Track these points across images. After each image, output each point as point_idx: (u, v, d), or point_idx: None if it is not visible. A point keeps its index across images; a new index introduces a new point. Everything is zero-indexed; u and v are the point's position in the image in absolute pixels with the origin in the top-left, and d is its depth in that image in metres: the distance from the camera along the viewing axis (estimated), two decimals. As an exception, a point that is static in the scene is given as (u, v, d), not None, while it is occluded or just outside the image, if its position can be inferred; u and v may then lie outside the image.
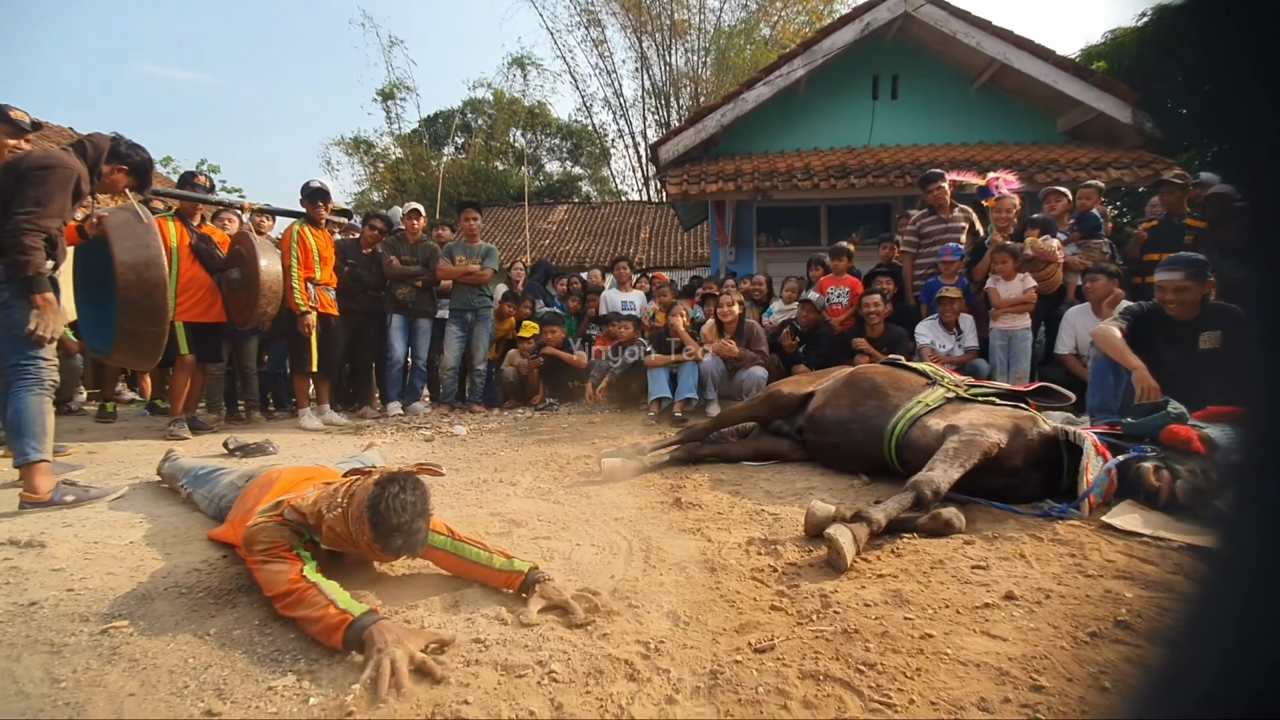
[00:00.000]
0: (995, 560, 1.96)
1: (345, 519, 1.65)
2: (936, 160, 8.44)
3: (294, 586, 1.56)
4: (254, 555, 1.68)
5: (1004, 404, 2.78)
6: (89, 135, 2.98)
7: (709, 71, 24.87)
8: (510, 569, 1.78)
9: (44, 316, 2.65)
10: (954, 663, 1.39)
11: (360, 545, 1.66)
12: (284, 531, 1.70)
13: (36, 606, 1.72)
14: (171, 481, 2.84)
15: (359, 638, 1.43)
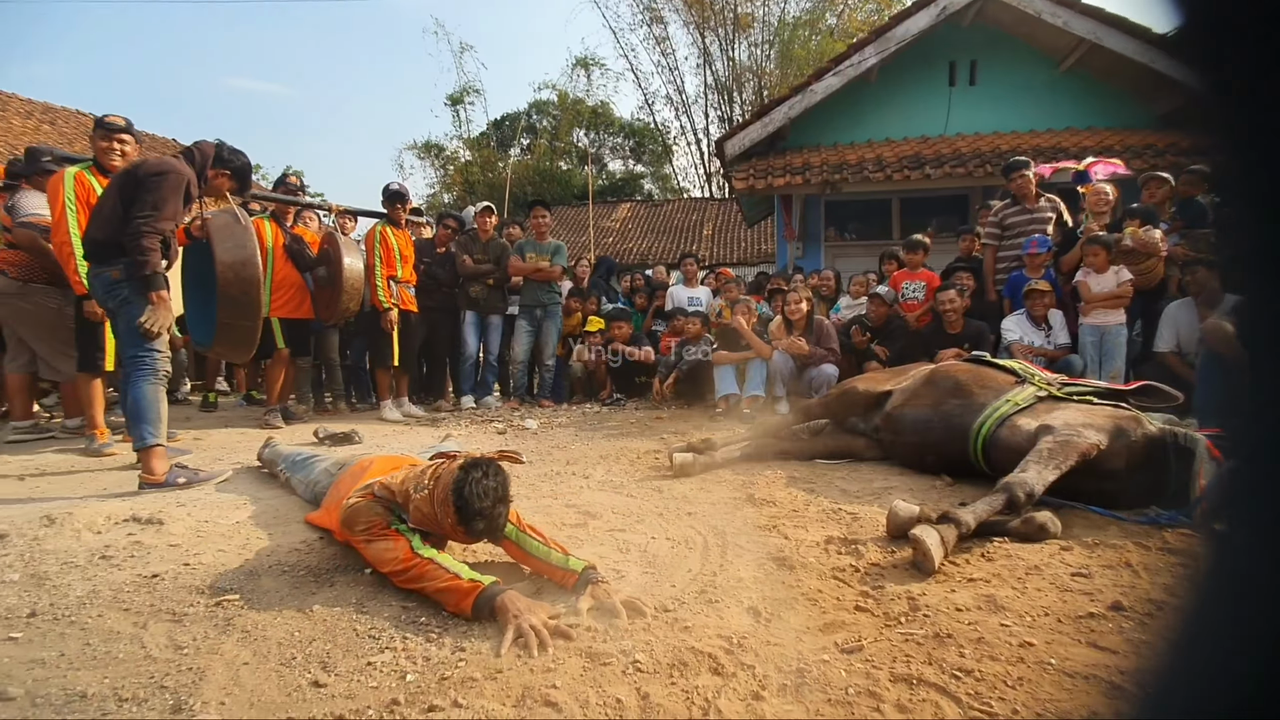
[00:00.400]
0: (1098, 568, 1.84)
1: (431, 500, 1.72)
2: (1019, 148, 8.01)
3: (410, 563, 1.66)
4: (356, 534, 1.78)
5: (1103, 403, 2.62)
6: (196, 143, 3.21)
7: (773, 64, 24.45)
8: (565, 566, 1.81)
9: (157, 312, 2.86)
10: (1059, 674, 1.32)
11: (444, 527, 1.73)
12: (377, 508, 1.80)
13: (158, 578, 1.86)
14: (271, 466, 3.02)
15: (490, 605, 1.54)
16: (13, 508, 2.56)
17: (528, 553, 1.86)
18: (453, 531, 1.74)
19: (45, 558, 2.00)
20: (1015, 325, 4.70)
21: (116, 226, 2.82)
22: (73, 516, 2.33)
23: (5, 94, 12.38)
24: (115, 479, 3.11)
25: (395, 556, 1.70)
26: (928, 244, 5.81)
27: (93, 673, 1.36)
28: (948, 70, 9.09)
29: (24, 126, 11.59)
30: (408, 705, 1.23)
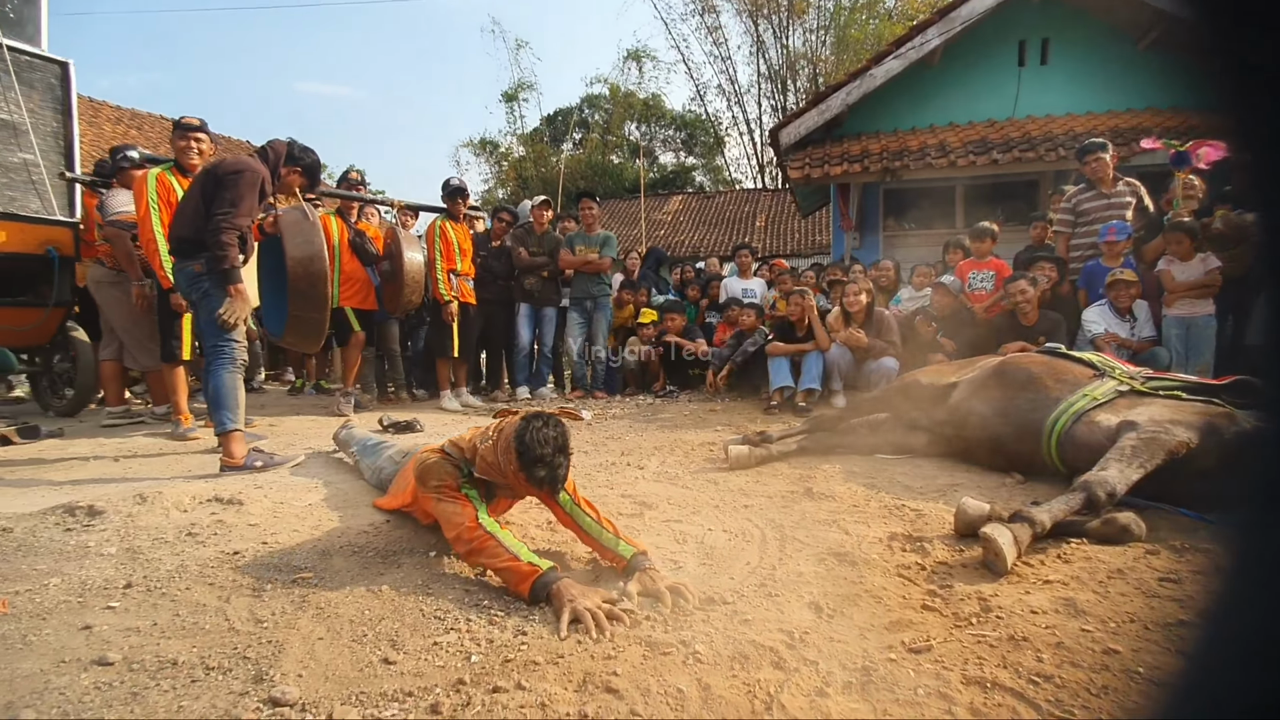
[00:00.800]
0: (1188, 574, 1.72)
1: (495, 450, 1.80)
2: (1095, 130, 7.57)
3: (473, 535, 1.73)
4: (428, 490, 1.86)
5: (1192, 399, 2.44)
6: (269, 142, 3.35)
7: (828, 51, 23.85)
8: (616, 549, 1.83)
9: (234, 304, 3.01)
10: (1148, 684, 1.24)
11: (507, 474, 1.79)
12: (448, 467, 1.88)
13: (239, 555, 1.96)
14: (344, 447, 3.15)
15: (546, 591, 1.59)
16: (109, 487, 2.75)
17: (582, 528, 1.90)
18: (515, 479, 1.79)
19: (138, 533, 2.14)
20: (1098, 317, 4.43)
21: (198, 223, 2.98)
22: (162, 496, 2.48)
23: (97, 102, 13.27)
24: (198, 461, 3.30)
25: (460, 522, 1.76)
26: (996, 232, 5.55)
27: (182, 642, 1.45)
28: (1017, 50, 8.64)
29: (114, 132, 12.40)
30: (473, 685, 1.26)
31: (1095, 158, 4.96)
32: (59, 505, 2.39)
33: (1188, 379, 2.68)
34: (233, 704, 1.20)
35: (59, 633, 1.49)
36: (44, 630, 1.50)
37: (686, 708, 1.20)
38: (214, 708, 1.19)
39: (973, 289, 5.31)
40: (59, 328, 4.75)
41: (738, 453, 3.11)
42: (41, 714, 1.16)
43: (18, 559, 1.93)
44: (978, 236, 5.48)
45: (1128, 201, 4.91)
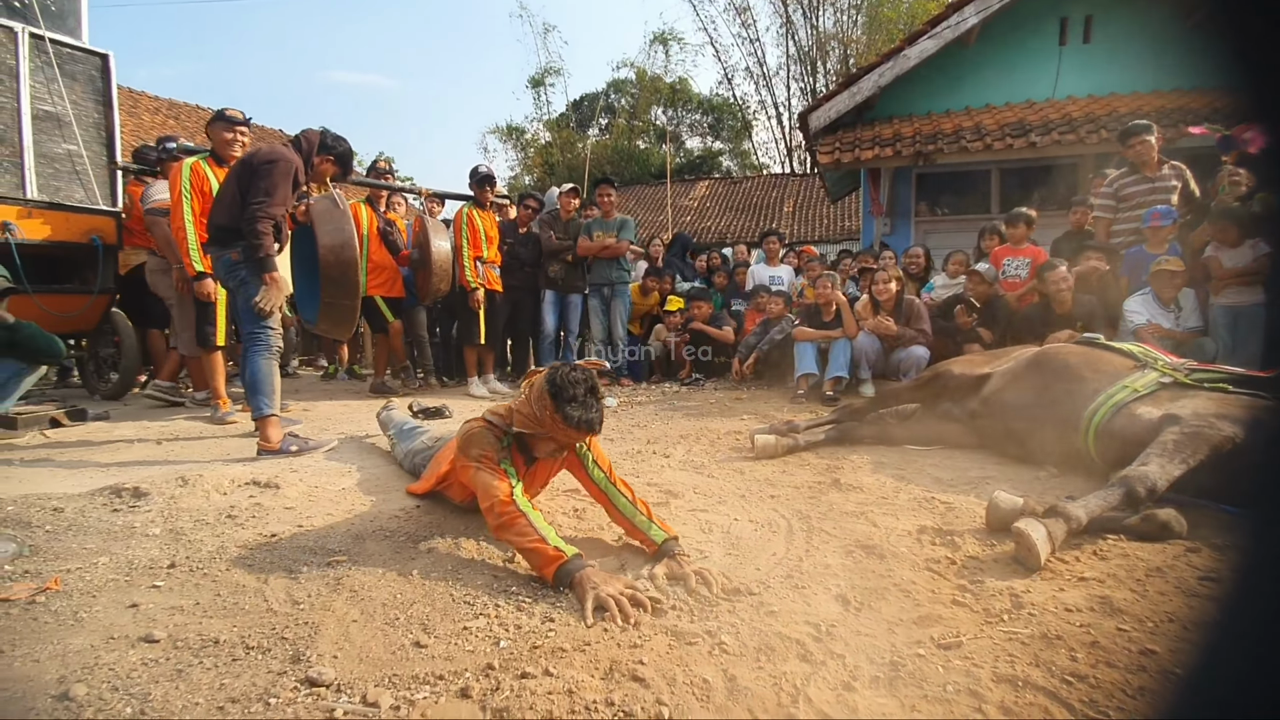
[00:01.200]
0: (1230, 573, 1.67)
1: (529, 401, 1.89)
2: (1140, 111, 7.30)
3: (505, 510, 1.75)
4: (469, 459, 1.90)
5: (1239, 391, 2.35)
6: (302, 131, 3.40)
7: (860, 31, 23.31)
8: (649, 532, 1.89)
9: (269, 292, 3.08)
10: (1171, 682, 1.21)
11: (544, 421, 1.86)
12: (490, 437, 1.92)
13: (276, 538, 2.02)
14: (383, 428, 3.22)
15: (569, 578, 1.61)
16: (153, 469, 2.85)
17: (616, 507, 1.96)
18: (551, 424, 1.84)
19: (180, 515, 2.22)
20: (1140, 306, 4.28)
21: (235, 212, 3.05)
22: (203, 479, 2.56)
23: (136, 92, 13.59)
24: (237, 445, 3.40)
25: (495, 495, 1.78)
26: (1032, 217, 5.39)
27: (223, 621, 1.50)
28: (1058, 27, 8.34)
29: (153, 122, 12.70)
30: (502, 671, 1.28)
31: (1139, 140, 4.78)
32: (106, 487, 2.49)
33: (1234, 371, 2.58)
34: (271, 683, 1.24)
35: (108, 610, 1.55)
36: (94, 607, 1.56)
37: (712, 698, 1.21)
38: (254, 686, 1.23)
39: (1007, 276, 5.18)
40: (103, 314, 4.92)
41: (764, 442, 3.10)
42: (92, 688, 1.21)
43: (69, 538, 2.01)
44: (1013, 222, 5.33)
45: (1173, 186, 4.72)
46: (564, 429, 1.84)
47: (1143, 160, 4.80)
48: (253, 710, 1.16)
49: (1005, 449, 2.96)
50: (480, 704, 1.18)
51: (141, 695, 1.20)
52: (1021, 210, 5.40)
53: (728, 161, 27.21)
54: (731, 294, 6.78)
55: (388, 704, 1.18)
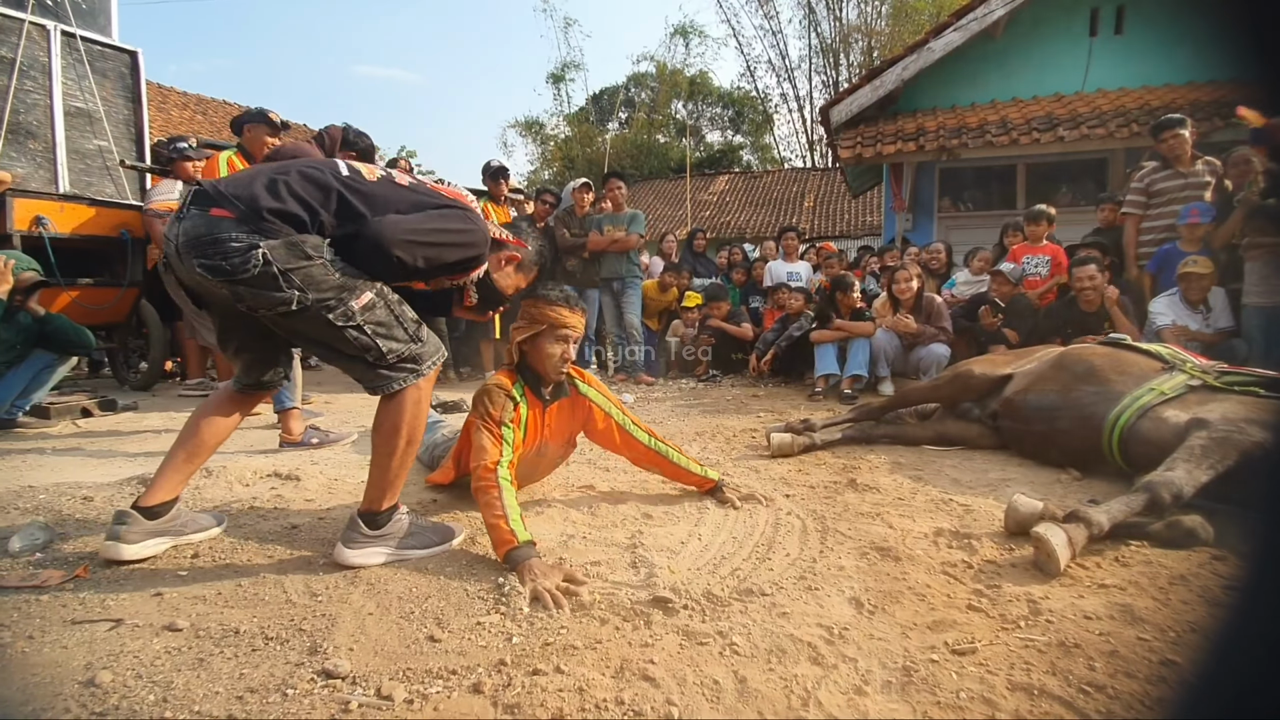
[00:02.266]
0: (1259, 583, 1.63)
1: (519, 318, 2.15)
2: (1174, 104, 7.10)
3: (485, 476, 1.88)
4: (476, 414, 2.05)
5: (1271, 395, 2.29)
6: (325, 128, 3.44)
7: (884, 22, 22.97)
8: (704, 474, 2.34)
9: (293, 287, 3.12)
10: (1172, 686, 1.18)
11: (536, 316, 2.12)
12: (501, 396, 2.07)
13: (297, 530, 2.06)
14: None
15: (515, 564, 1.69)
16: (178, 459, 2.91)
17: (671, 461, 2.32)
18: (541, 311, 2.12)
19: (204, 506, 2.27)
20: (1166, 307, 4.17)
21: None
22: (226, 470, 2.61)
23: (165, 88, 13.84)
24: (259, 436, 3.46)
25: (482, 460, 1.92)
26: (1052, 215, 5.29)
27: (244, 611, 1.53)
28: (1088, 19, 8.15)
29: (181, 117, 12.93)
30: (514, 667, 1.29)
31: (1173, 134, 4.65)
32: (134, 476, 2.55)
33: (1266, 374, 2.51)
34: (289, 674, 1.26)
35: (133, 598, 1.59)
36: (120, 595, 1.61)
37: (722, 699, 1.21)
38: (272, 676, 1.26)
39: (1027, 274, 5.09)
40: (132, 306, 5.03)
41: (780, 440, 3.08)
42: (117, 675, 1.25)
43: (97, 527, 2.06)
44: (1033, 220, 5.24)
45: (1206, 182, 4.59)
46: (552, 308, 2.11)
47: (1176, 155, 4.67)
48: (270, 700, 1.19)
49: (1027, 451, 2.91)
50: (492, 700, 1.20)
51: (164, 683, 1.23)
52: (1040, 208, 5.30)
53: (748, 155, 27.03)
54: (750, 291, 6.74)
55: (401, 698, 1.19)
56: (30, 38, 4.60)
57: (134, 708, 1.16)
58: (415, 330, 1.82)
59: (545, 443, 2.24)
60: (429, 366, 1.85)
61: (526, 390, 2.14)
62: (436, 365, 1.87)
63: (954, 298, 5.37)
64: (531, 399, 2.15)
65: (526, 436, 2.14)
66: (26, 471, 2.77)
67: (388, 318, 1.76)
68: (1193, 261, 4.10)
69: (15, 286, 3.42)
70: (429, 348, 1.85)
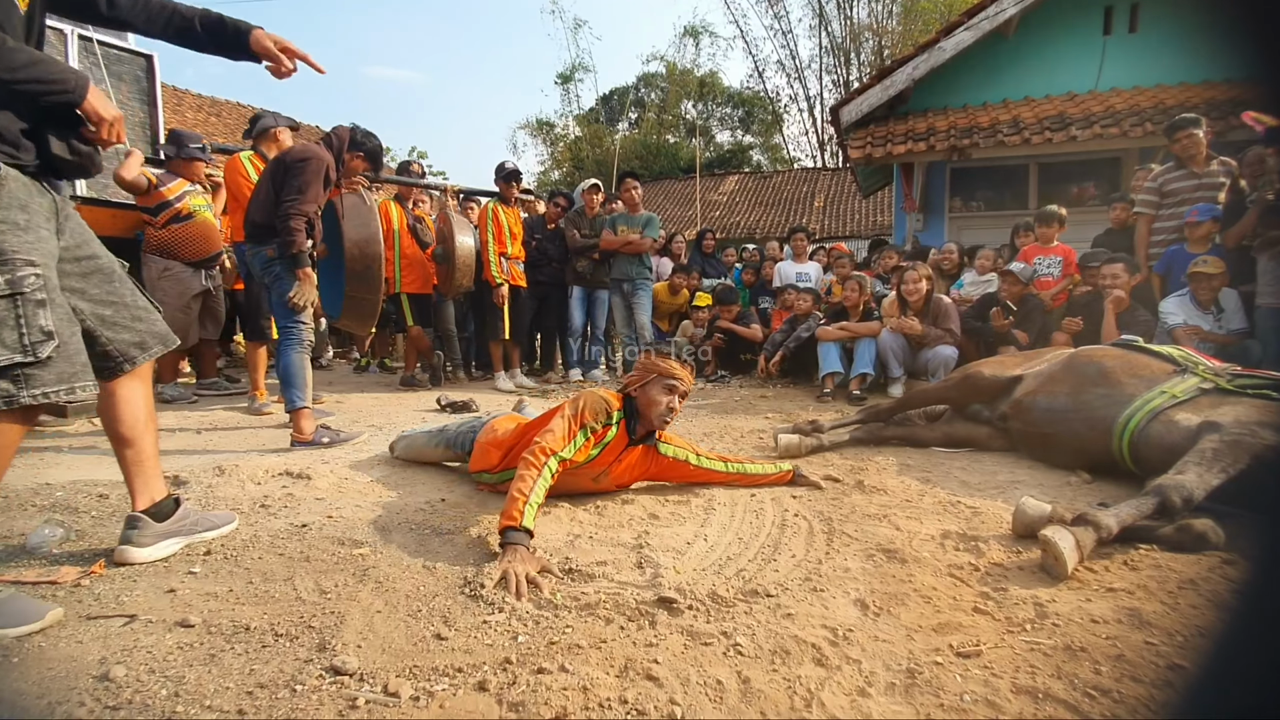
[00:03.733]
0: (1270, 588, 1.62)
1: (637, 369, 2.36)
2: (1188, 103, 7.01)
3: (538, 456, 1.98)
4: (573, 404, 2.18)
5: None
6: (333, 129, 3.47)
7: (895, 21, 22.86)
8: (780, 471, 2.55)
9: (303, 287, 3.16)
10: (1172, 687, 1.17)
11: (650, 368, 2.31)
12: (601, 407, 2.20)
13: (307, 528, 2.08)
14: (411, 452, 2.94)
15: (504, 543, 1.77)
16: (192, 458, 2.96)
17: (750, 475, 2.51)
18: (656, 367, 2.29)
19: (217, 504, 2.30)
20: (1177, 308, 4.13)
21: (270, 210, 3.13)
22: (238, 469, 2.65)
23: (180, 90, 14.00)
24: (271, 435, 3.50)
25: (544, 441, 2.02)
26: (1063, 216, 5.24)
27: (254, 608, 1.55)
28: (1102, 17, 8.06)
29: (195, 119, 13.07)
30: (519, 665, 1.30)
31: (1187, 134, 4.60)
32: (147, 474, 2.58)
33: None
34: (298, 670, 1.28)
35: (147, 594, 1.62)
36: (134, 591, 1.63)
37: (725, 700, 1.21)
38: (281, 673, 1.27)
39: (1039, 275, 5.05)
40: (148, 307, 5.09)
41: (787, 441, 3.08)
42: (131, 670, 1.27)
43: (113, 523, 2.10)
44: (1044, 221, 5.19)
45: (1220, 183, 4.53)
46: (665, 361, 2.28)
47: (1189, 155, 4.62)
48: (279, 696, 1.20)
49: (1036, 453, 2.89)
50: (497, 698, 1.21)
51: (176, 678, 1.25)
52: (1052, 209, 5.26)
53: (758, 155, 26.96)
54: (759, 291, 6.73)
55: (407, 695, 1.21)
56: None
57: (146, 702, 1.18)
58: (36, 341, 1.40)
59: (608, 473, 2.32)
60: (34, 395, 1.40)
61: (623, 422, 2.26)
62: (55, 398, 1.43)
63: (962, 298, 5.34)
64: (623, 431, 2.26)
65: (599, 458, 2.23)
66: (44, 469, 2.82)
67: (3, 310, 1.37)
68: (1203, 261, 4.05)
69: None
70: (50, 374, 1.43)
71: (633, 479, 2.45)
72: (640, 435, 2.32)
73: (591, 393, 2.25)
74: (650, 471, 2.46)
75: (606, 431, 2.20)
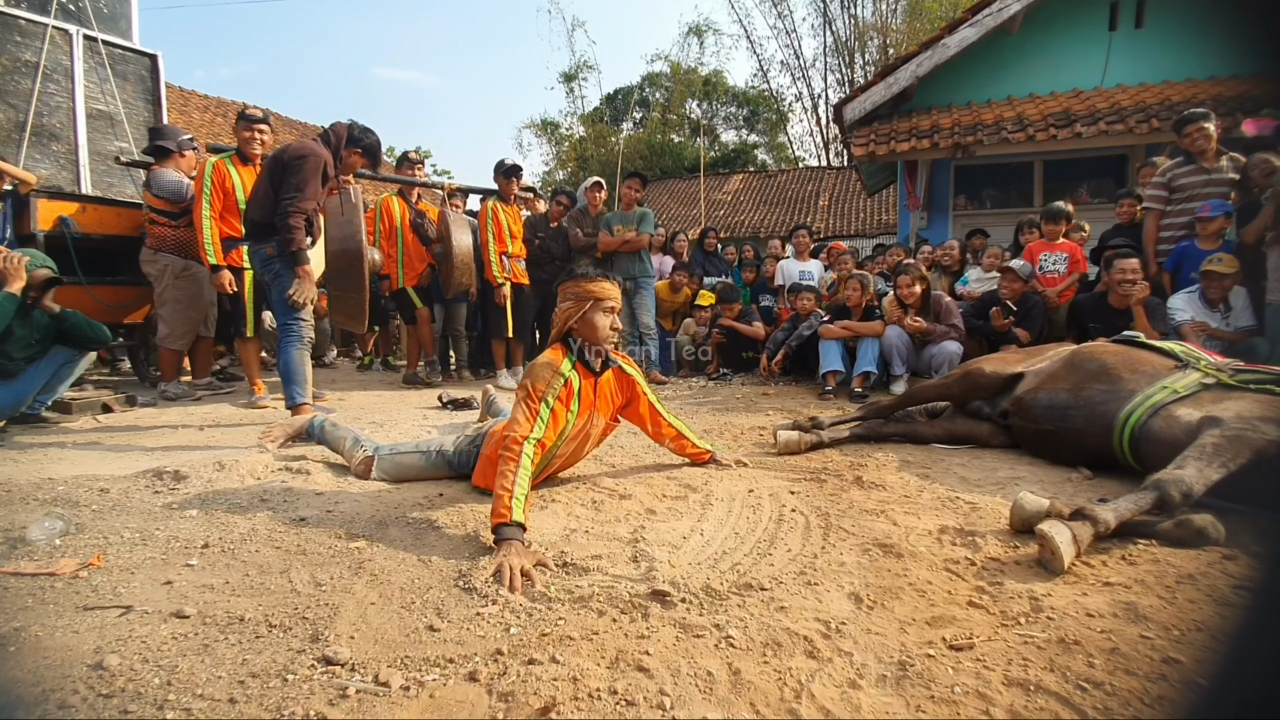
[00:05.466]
0: (1269, 583, 1.60)
1: (560, 302, 2.34)
2: (1195, 98, 6.98)
3: (512, 447, 1.99)
4: (522, 387, 2.15)
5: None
6: (331, 125, 3.48)
7: (899, 20, 22.77)
8: (707, 445, 2.75)
9: (302, 285, 3.17)
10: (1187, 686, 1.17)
11: (579, 294, 2.33)
12: (548, 371, 2.17)
13: (305, 522, 2.09)
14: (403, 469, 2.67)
15: (498, 539, 1.79)
16: (193, 454, 2.97)
17: (679, 431, 2.70)
18: (582, 289, 2.33)
19: (216, 498, 2.31)
20: (1185, 304, 4.09)
21: (269, 208, 3.15)
22: (239, 464, 2.66)
23: (187, 91, 14.09)
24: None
25: (513, 431, 2.03)
26: (1070, 213, 5.21)
27: (250, 600, 1.56)
28: (1107, 13, 8.01)
29: (201, 119, 13.15)
30: (510, 656, 1.31)
31: (1197, 128, 4.56)
32: (149, 470, 2.60)
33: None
34: (290, 660, 1.29)
35: (144, 586, 1.63)
36: (132, 583, 1.65)
37: (715, 691, 1.21)
38: (274, 663, 1.28)
39: (1044, 272, 5.02)
40: (153, 305, 5.12)
41: (786, 438, 3.07)
42: (125, 659, 1.28)
43: (112, 517, 2.11)
44: (1051, 218, 5.16)
45: (1230, 179, 4.50)
46: (593, 283, 2.29)
47: (1199, 149, 4.59)
48: (271, 685, 1.21)
49: (1037, 450, 2.88)
50: (487, 687, 1.21)
51: (169, 667, 1.26)
52: (1058, 206, 5.23)
53: (763, 154, 26.90)
54: (759, 289, 6.72)
55: (398, 684, 1.21)
56: (54, 42, 4.71)
57: (139, 690, 1.19)
58: None
59: (595, 413, 2.37)
60: None
61: (578, 365, 2.28)
62: None
63: (969, 293, 5.32)
64: (583, 372, 2.29)
65: (581, 407, 2.28)
66: (47, 464, 2.84)
67: None
68: (1217, 260, 4.01)
69: (29, 283, 3.48)
70: None
71: (618, 406, 2.53)
72: (598, 364, 2.36)
73: (531, 365, 2.24)
74: (625, 391, 2.54)
75: (569, 385, 2.22)
